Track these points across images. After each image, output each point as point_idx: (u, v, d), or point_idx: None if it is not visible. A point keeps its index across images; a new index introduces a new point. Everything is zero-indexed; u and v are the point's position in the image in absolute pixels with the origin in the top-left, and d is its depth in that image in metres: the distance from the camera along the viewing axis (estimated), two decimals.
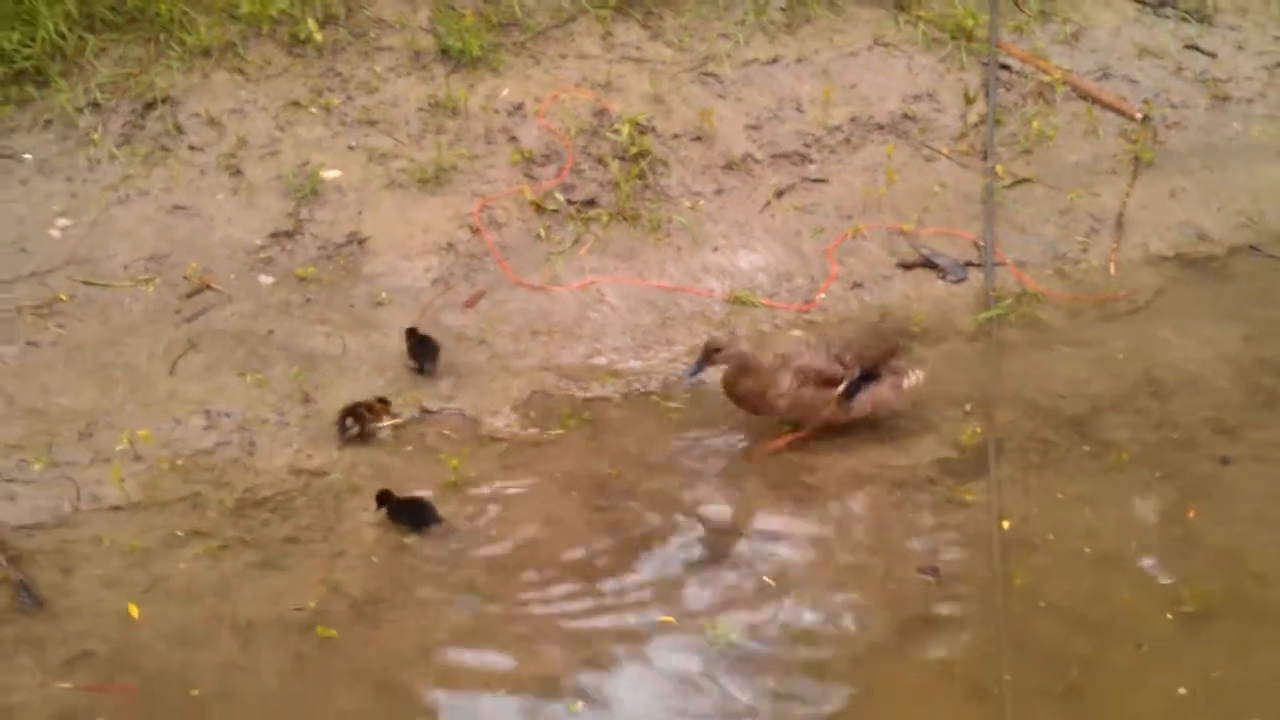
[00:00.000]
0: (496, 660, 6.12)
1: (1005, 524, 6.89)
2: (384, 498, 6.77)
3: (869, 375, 7.32)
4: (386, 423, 7.25)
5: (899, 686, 6.11)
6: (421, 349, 7.70)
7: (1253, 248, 9.21)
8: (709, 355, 7.19)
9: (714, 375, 7.42)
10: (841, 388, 7.27)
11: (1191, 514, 6.98)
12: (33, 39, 8.72)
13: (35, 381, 7.35)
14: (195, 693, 5.89)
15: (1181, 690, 6.02)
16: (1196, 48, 10.66)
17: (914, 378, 7.44)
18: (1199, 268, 9.01)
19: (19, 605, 6.19)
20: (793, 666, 6.15)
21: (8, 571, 6.30)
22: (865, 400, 7.35)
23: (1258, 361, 8.18)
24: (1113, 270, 8.90)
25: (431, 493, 6.92)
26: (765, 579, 6.62)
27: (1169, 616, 6.42)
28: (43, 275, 7.90)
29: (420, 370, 7.66)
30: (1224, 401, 7.86)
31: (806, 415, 7.32)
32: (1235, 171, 9.76)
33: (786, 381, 7.19)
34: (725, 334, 7.43)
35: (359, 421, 7.23)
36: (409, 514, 6.77)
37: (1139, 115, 9.96)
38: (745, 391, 7.26)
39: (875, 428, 7.53)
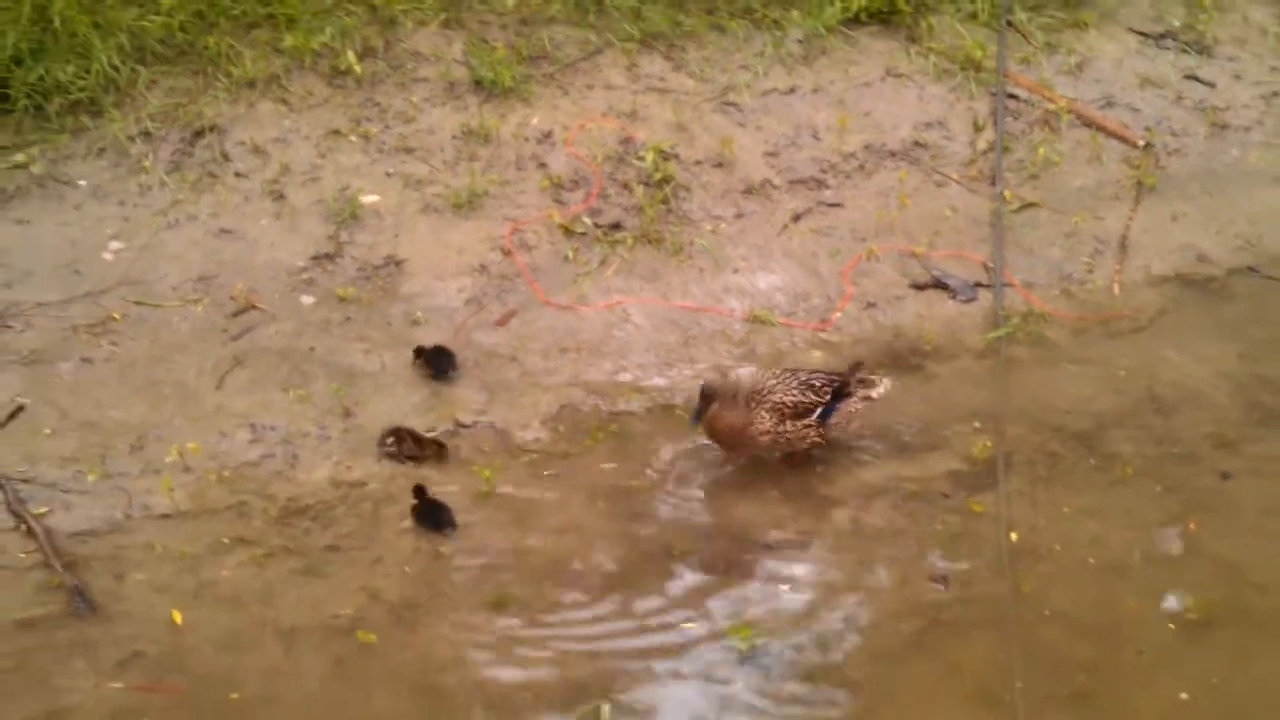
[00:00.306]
0: (527, 664, 6.13)
1: (1014, 535, 6.88)
2: (419, 492, 6.82)
3: (839, 394, 7.26)
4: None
5: (913, 691, 6.11)
6: (437, 360, 7.73)
7: (1251, 269, 9.17)
8: (706, 399, 7.07)
9: None
10: (817, 414, 7.18)
11: (1192, 525, 6.97)
12: (88, 71, 8.77)
13: (89, 396, 7.38)
14: (239, 695, 5.93)
15: (1184, 695, 6.02)
16: (1196, 78, 10.64)
17: (882, 388, 7.36)
18: (1199, 288, 8.98)
19: (74, 609, 6.22)
20: (810, 671, 6.16)
21: (63, 577, 6.33)
22: (839, 419, 7.27)
23: (1256, 379, 8.15)
24: (1116, 291, 8.87)
25: (465, 499, 6.95)
26: (784, 586, 6.64)
27: (1172, 625, 6.41)
28: (96, 295, 7.93)
29: (443, 376, 7.71)
30: (1223, 417, 7.83)
31: (792, 446, 7.22)
32: (1234, 196, 9.73)
33: (768, 419, 7.10)
34: (718, 376, 7.33)
35: (401, 443, 7.24)
36: (430, 515, 6.82)
37: (1141, 142, 9.94)
38: (725, 430, 7.15)
39: (889, 442, 7.53)
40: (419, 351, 7.75)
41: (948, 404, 7.86)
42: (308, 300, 8.10)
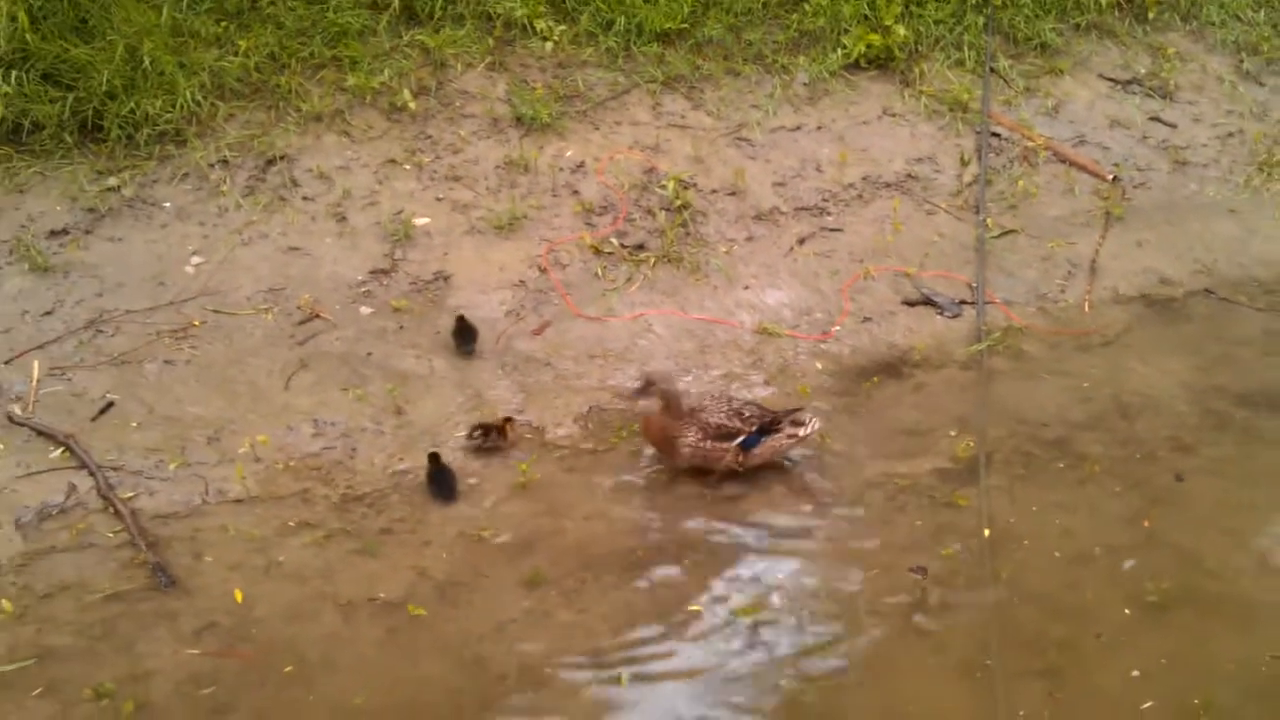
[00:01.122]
0: (557, 635, 6.13)
1: (986, 532, 6.86)
2: (434, 459, 6.90)
3: (767, 429, 7.14)
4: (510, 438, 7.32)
5: (900, 664, 6.10)
6: (463, 332, 7.82)
7: (1207, 291, 9.12)
8: (647, 384, 7.05)
9: None
10: (737, 441, 7.08)
11: (1146, 523, 6.93)
12: (173, 105, 8.78)
13: (171, 394, 7.39)
14: (303, 660, 5.94)
15: (1140, 670, 6.00)
16: (1159, 120, 10.59)
17: (810, 428, 7.20)
18: (1161, 307, 8.93)
19: (156, 584, 6.24)
20: (808, 646, 6.15)
21: (147, 555, 6.34)
22: (764, 450, 7.14)
23: (1212, 388, 8.10)
24: (1087, 309, 8.83)
25: (504, 489, 6.95)
26: (787, 570, 6.62)
27: (1132, 608, 6.38)
28: (179, 304, 7.94)
29: (464, 349, 7.81)
30: (1182, 423, 7.79)
31: (709, 463, 7.12)
32: (1193, 226, 9.68)
33: (692, 434, 7.03)
34: (662, 371, 7.29)
35: (487, 435, 7.24)
36: (438, 482, 6.88)
37: (1110, 177, 9.90)
38: (657, 433, 7.10)
39: (883, 442, 7.50)
40: (460, 320, 7.91)
41: (935, 409, 7.82)
42: (366, 310, 8.09)
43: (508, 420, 7.31)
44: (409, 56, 9.62)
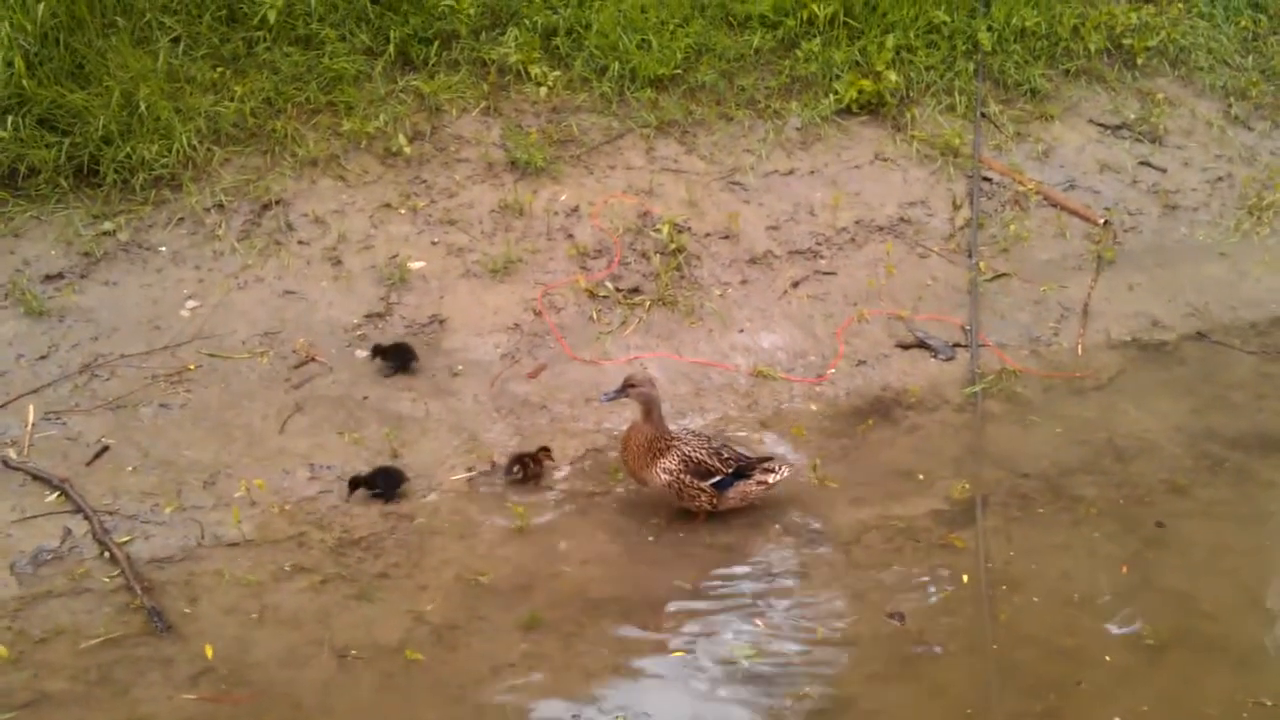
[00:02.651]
0: (554, 680, 6.11)
1: (985, 570, 6.87)
2: (354, 482, 7.00)
3: (742, 473, 7.13)
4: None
5: (897, 707, 6.09)
6: (395, 356, 7.89)
7: (1199, 334, 9.17)
8: (625, 387, 7.01)
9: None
10: (712, 482, 7.06)
11: (1125, 569, 6.94)
12: (169, 150, 8.83)
13: (167, 438, 7.39)
14: (299, 705, 5.91)
15: (1144, 709, 6.00)
16: (1149, 164, 10.67)
17: (780, 474, 7.20)
18: (1153, 351, 8.98)
19: (152, 628, 6.21)
20: (805, 688, 6.13)
21: (142, 599, 6.33)
22: (735, 494, 7.14)
23: (1205, 431, 8.14)
24: (1080, 352, 8.87)
25: (500, 533, 6.94)
26: (783, 611, 6.61)
27: (1129, 650, 6.39)
28: (174, 348, 7.95)
29: (406, 369, 7.91)
30: (1176, 465, 7.82)
31: (682, 497, 7.10)
32: (1183, 269, 9.75)
33: (674, 462, 7.01)
34: (644, 374, 7.34)
35: (524, 467, 7.29)
36: (383, 481, 7.02)
37: (1101, 221, 9.96)
38: (637, 447, 7.06)
39: (879, 484, 7.52)
40: (376, 350, 7.91)
41: (930, 451, 7.85)
42: (361, 354, 8.11)
43: (543, 449, 7.37)
44: (404, 102, 9.68)
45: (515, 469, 7.30)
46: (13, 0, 8.84)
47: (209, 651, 6.12)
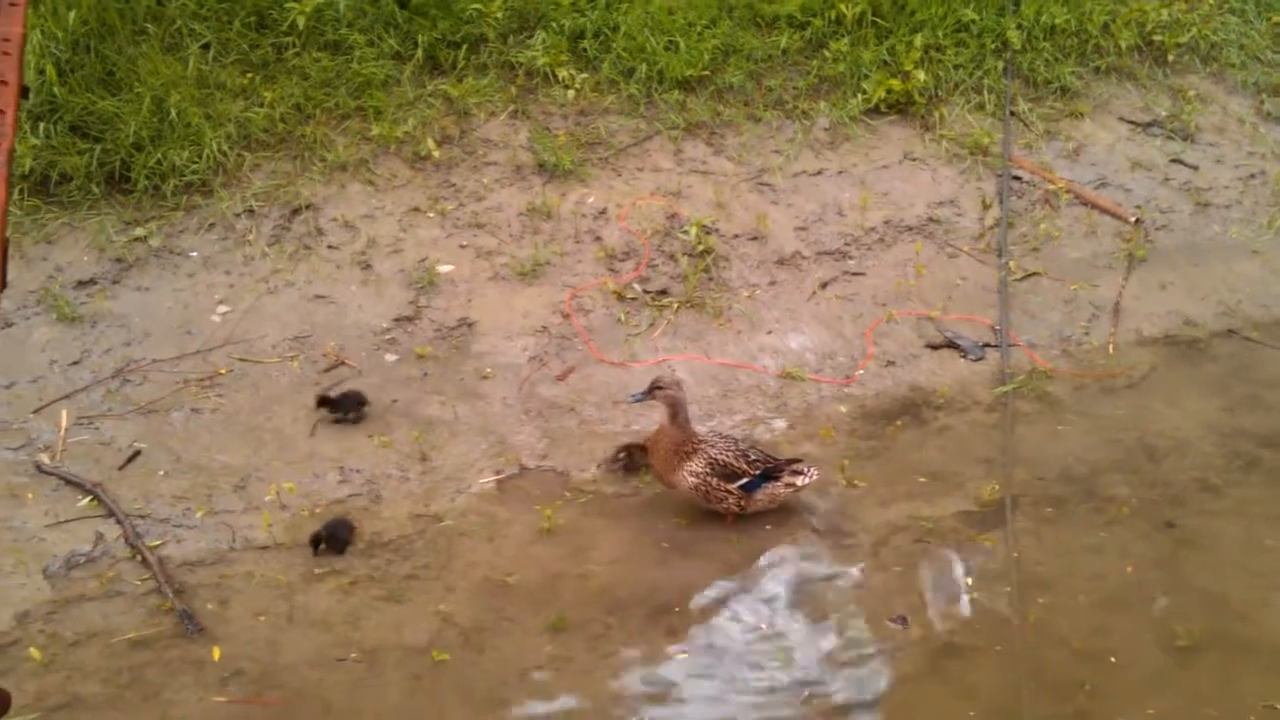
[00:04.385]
0: (581, 681, 6.12)
1: (1014, 569, 6.84)
2: (315, 539, 6.78)
3: (769, 475, 7.11)
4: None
5: (927, 708, 6.07)
6: (343, 403, 7.64)
7: (1231, 332, 9.11)
8: (653, 389, 7.02)
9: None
10: (739, 484, 7.05)
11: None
12: (200, 156, 8.88)
13: (198, 442, 7.44)
14: (328, 707, 5.94)
15: (1176, 709, 5.97)
16: (1181, 161, 10.60)
17: (807, 479, 7.16)
18: (1186, 349, 8.92)
19: (183, 631, 6.26)
20: (833, 691, 6.13)
21: (174, 602, 6.37)
22: (763, 496, 7.12)
23: (1237, 430, 8.08)
24: (1111, 351, 8.82)
25: (529, 533, 6.96)
26: (812, 612, 6.60)
27: (1161, 651, 6.35)
28: (205, 353, 8.00)
29: (349, 418, 7.63)
30: (1208, 464, 7.77)
31: (709, 500, 7.09)
32: (1216, 267, 9.68)
33: (701, 465, 7.00)
34: (672, 377, 7.33)
35: (630, 457, 7.37)
36: (329, 535, 6.77)
37: (1132, 219, 9.91)
38: (664, 450, 7.07)
39: (907, 485, 7.50)
40: (322, 400, 7.64)
41: (959, 452, 7.82)
42: (390, 358, 8.15)
43: (649, 440, 7.41)
44: (432, 106, 9.72)
45: (621, 456, 7.39)
46: (45, 8, 8.93)
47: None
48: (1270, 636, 6.47)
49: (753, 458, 7.09)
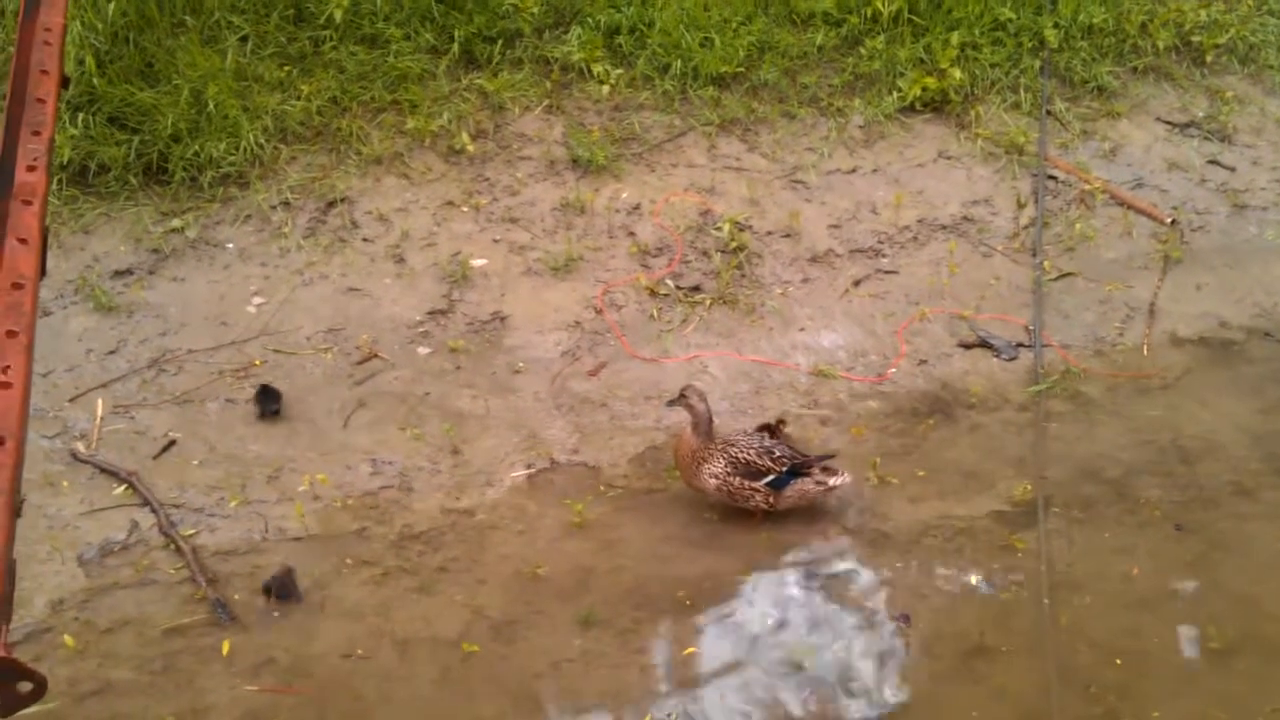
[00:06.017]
0: (612, 676, 6.13)
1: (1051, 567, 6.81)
2: (267, 587, 6.50)
3: (798, 471, 7.08)
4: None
5: (956, 708, 6.06)
6: (264, 398, 7.58)
7: (1266, 334, 9.03)
8: (681, 395, 7.12)
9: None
10: (766, 481, 7.03)
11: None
12: (237, 148, 8.92)
13: (232, 433, 7.48)
14: (359, 697, 5.97)
15: (1207, 711, 5.94)
16: (1218, 163, 10.53)
17: (839, 480, 7.12)
18: (1220, 351, 8.85)
19: (216, 619, 6.30)
20: (861, 689, 6.12)
21: (207, 591, 6.41)
22: (794, 493, 7.10)
23: (1272, 432, 8.02)
24: (1145, 352, 8.77)
25: (559, 528, 6.97)
26: (842, 610, 6.60)
27: (1193, 653, 6.32)
28: (240, 344, 8.04)
29: (266, 414, 7.55)
30: (1242, 467, 7.71)
31: (735, 499, 7.08)
32: (1252, 269, 9.60)
33: (720, 465, 6.99)
34: (699, 389, 7.30)
35: (773, 434, 7.37)
36: (277, 585, 6.49)
37: (1168, 220, 9.84)
38: (686, 455, 7.09)
39: (939, 483, 7.48)
40: (262, 389, 7.60)
41: (991, 451, 7.79)
42: (423, 351, 8.17)
43: (780, 421, 7.51)
44: (467, 100, 9.74)
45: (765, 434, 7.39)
46: (84, 0, 8.99)
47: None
48: None
49: (778, 454, 7.06)
